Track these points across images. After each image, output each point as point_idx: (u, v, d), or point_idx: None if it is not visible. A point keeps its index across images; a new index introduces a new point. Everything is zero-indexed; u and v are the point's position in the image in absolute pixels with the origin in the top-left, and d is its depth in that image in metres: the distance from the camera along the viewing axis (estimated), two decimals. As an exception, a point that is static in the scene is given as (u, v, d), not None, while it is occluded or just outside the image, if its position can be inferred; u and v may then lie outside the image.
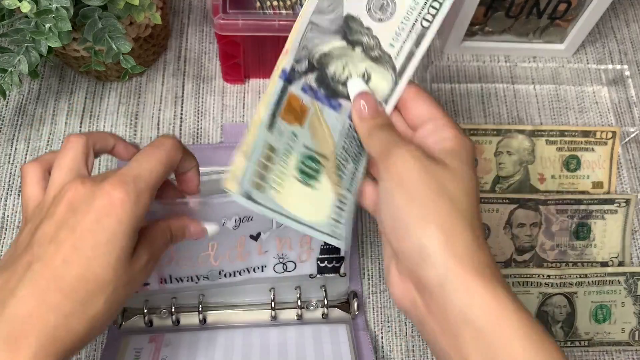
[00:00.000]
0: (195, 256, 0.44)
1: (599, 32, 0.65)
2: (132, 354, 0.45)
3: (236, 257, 0.45)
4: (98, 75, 0.56)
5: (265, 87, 0.59)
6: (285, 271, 0.48)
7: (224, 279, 0.46)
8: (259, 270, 0.47)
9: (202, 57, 0.60)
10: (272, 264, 0.47)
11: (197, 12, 0.62)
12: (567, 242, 0.54)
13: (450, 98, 0.60)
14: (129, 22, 0.50)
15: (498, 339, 0.30)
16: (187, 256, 0.44)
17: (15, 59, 0.45)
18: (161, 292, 0.46)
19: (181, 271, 0.45)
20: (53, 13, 0.42)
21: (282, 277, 0.48)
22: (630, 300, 0.52)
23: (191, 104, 0.58)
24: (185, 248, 0.44)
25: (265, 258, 0.46)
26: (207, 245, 0.44)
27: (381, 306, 0.51)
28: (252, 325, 0.48)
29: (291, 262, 0.47)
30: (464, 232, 0.32)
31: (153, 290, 0.46)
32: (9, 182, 0.53)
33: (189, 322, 0.48)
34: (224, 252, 0.45)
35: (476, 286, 0.30)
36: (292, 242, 0.46)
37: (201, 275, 0.46)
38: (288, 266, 0.47)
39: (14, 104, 0.56)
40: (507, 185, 0.55)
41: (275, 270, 0.47)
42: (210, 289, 0.48)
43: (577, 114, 0.61)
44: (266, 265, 0.47)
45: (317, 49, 0.36)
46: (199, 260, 0.45)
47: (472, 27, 0.59)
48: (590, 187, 0.56)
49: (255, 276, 0.47)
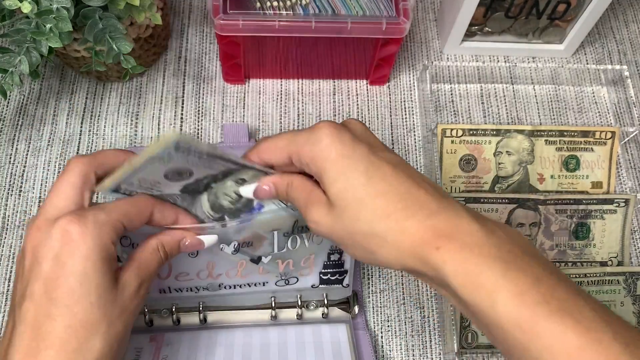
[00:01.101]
0: (193, 272, 0.44)
1: (598, 33, 0.65)
2: (133, 354, 0.45)
3: (235, 275, 0.45)
4: (99, 76, 0.56)
5: (265, 87, 0.59)
6: (287, 285, 0.47)
7: (224, 290, 0.46)
8: (260, 285, 0.47)
9: (203, 57, 0.60)
10: (273, 281, 0.47)
11: (198, 13, 0.62)
12: (566, 241, 0.54)
13: (449, 98, 0.60)
14: (130, 23, 0.51)
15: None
16: (185, 272, 0.44)
17: (16, 59, 0.45)
18: (161, 300, 0.46)
19: (180, 284, 0.45)
20: (54, 13, 0.42)
21: (283, 289, 0.48)
22: (629, 300, 0.52)
23: (191, 104, 0.58)
24: (182, 265, 0.43)
25: (267, 276, 0.46)
26: (204, 264, 0.43)
27: (381, 306, 0.51)
28: (253, 325, 0.48)
29: (293, 278, 0.47)
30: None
31: (152, 298, 0.46)
32: (9, 182, 0.53)
33: (189, 321, 0.48)
34: (223, 271, 0.44)
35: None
36: (294, 263, 0.45)
37: (201, 286, 0.45)
38: (290, 281, 0.47)
39: (14, 104, 0.56)
40: (507, 185, 0.55)
41: (277, 285, 0.47)
42: (210, 298, 0.47)
43: (576, 114, 0.61)
44: (267, 282, 0.47)
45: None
46: (198, 275, 0.44)
47: (472, 28, 0.59)
48: (590, 187, 0.56)
49: (256, 289, 0.47)
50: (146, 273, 0.35)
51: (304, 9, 0.49)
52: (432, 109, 0.59)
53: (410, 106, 0.59)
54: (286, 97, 0.59)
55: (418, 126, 0.58)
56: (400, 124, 0.59)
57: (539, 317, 0.27)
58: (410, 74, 0.61)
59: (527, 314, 0.27)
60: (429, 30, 0.63)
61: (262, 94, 0.59)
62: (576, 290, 0.28)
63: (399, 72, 0.61)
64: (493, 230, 0.30)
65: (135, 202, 0.35)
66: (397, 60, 0.61)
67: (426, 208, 0.31)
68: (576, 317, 0.27)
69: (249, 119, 0.57)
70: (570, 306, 0.27)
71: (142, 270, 0.34)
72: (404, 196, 0.31)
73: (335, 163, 0.32)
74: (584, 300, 0.28)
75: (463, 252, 0.29)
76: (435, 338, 0.51)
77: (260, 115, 0.58)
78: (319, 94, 0.59)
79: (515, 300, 0.27)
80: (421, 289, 0.52)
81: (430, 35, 0.63)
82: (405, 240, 0.30)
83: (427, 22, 0.64)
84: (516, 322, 0.27)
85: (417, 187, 0.32)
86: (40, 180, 0.53)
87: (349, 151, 0.32)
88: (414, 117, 0.59)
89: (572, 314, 0.27)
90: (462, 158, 0.55)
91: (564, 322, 0.27)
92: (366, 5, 0.50)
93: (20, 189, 0.53)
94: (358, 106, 0.59)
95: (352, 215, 0.32)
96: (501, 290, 0.28)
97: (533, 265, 0.29)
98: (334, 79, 0.60)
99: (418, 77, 0.61)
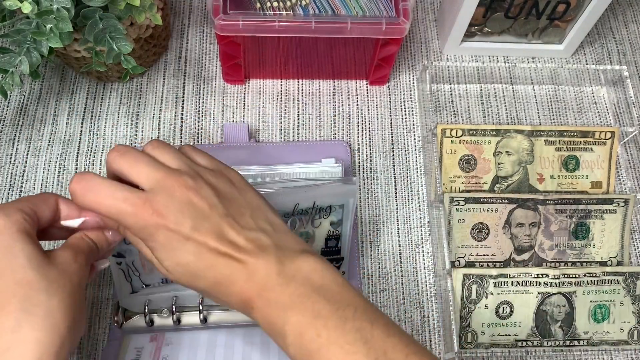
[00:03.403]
0: None
1: (598, 33, 0.65)
2: (133, 353, 0.45)
3: None
4: (99, 76, 0.56)
5: (265, 87, 0.59)
6: None
7: None
8: None
9: (203, 57, 0.60)
10: None
11: (198, 13, 0.62)
12: (566, 241, 0.54)
13: (449, 98, 0.60)
14: (130, 23, 0.51)
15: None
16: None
17: (17, 60, 0.45)
18: (162, 291, 0.47)
19: None
20: (54, 14, 0.42)
21: None
22: (629, 300, 0.52)
23: (192, 105, 0.58)
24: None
25: None
26: None
27: (381, 306, 0.52)
28: (253, 325, 0.48)
29: None
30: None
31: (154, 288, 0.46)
32: (10, 183, 0.53)
33: (189, 321, 0.48)
34: None
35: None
36: None
37: None
38: None
39: (15, 105, 0.56)
40: (506, 185, 0.55)
41: None
42: None
43: (576, 114, 0.61)
44: None
45: None
46: None
47: (471, 28, 0.59)
48: (589, 187, 0.56)
49: None
50: (75, 248, 0.36)
51: (303, 9, 0.49)
52: (432, 109, 0.59)
53: (410, 106, 0.59)
54: (286, 97, 0.59)
55: (418, 126, 0.59)
56: (400, 124, 0.59)
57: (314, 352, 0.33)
58: (410, 74, 0.61)
59: (308, 350, 0.33)
60: (428, 30, 0.64)
61: (262, 94, 0.59)
62: (351, 315, 0.33)
63: (399, 73, 0.61)
64: (291, 278, 0.34)
65: (39, 194, 0.37)
66: (397, 61, 0.61)
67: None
68: (341, 343, 0.33)
69: (249, 119, 0.58)
70: (337, 336, 0.33)
71: (71, 247, 0.36)
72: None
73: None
74: (351, 325, 0.33)
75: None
76: (435, 338, 0.51)
77: (260, 115, 0.58)
78: (319, 94, 0.59)
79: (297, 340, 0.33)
80: (421, 289, 0.52)
81: (430, 35, 0.63)
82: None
83: (427, 22, 0.64)
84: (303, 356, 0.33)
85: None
86: (41, 180, 0.53)
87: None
88: (413, 117, 0.59)
89: (337, 342, 0.32)
90: (462, 158, 0.55)
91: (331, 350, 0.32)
92: (366, 5, 0.50)
93: (21, 189, 0.53)
94: (358, 106, 0.59)
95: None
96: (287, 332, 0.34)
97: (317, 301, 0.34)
98: (334, 79, 0.60)
99: (418, 78, 0.61)
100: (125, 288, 0.46)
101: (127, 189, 0.35)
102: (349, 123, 0.58)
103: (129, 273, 0.45)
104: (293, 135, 0.57)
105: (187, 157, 0.38)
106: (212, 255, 0.34)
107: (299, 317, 0.33)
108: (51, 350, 0.32)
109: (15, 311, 0.31)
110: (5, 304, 0.31)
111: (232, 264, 0.34)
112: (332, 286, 0.34)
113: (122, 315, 0.47)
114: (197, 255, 0.34)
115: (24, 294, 0.32)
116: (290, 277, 0.34)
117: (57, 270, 0.33)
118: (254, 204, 0.37)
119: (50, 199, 0.37)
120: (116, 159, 0.36)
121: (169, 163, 0.37)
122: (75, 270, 0.35)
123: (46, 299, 0.32)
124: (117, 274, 0.45)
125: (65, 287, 0.33)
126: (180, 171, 0.36)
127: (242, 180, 0.39)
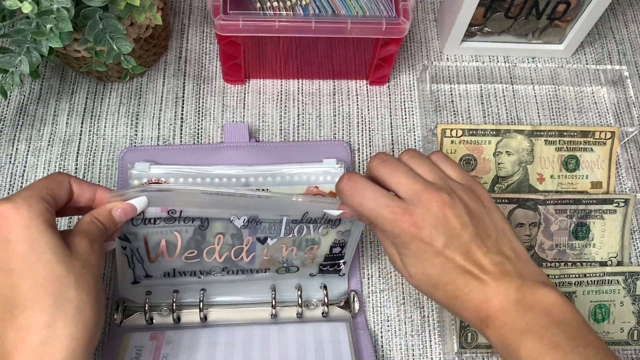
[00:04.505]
0: (201, 250, 0.45)
1: (598, 33, 0.65)
2: (133, 352, 0.45)
3: (241, 254, 0.46)
4: (99, 76, 0.56)
5: (265, 87, 0.59)
6: (288, 272, 0.48)
7: (226, 275, 0.47)
8: (262, 272, 0.48)
9: (203, 57, 0.60)
10: (275, 268, 0.48)
11: (198, 13, 0.62)
12: (566, 241, 0.54)
13: (449, 98, 0.60)
14: (130, 23, 0.51)
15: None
16: (192, 250, 0.45)
17: (17, 60, 0.45)
18: (165, 285, 0.47)
19: (186, 267, 0.46)
20: (54, 14, 0.42)
21: (283, 277, 0.49)
22: (629, 300, 0.52)
23: (192, 105, 0.58)
24: (193, 242, 0.44)
25: (269, 262, 0.47)
26: (213, 238, 0.44)
27: (381, 306, 0.51)
28: (253, 323, 0.48)
29: (294, 267, 0.48)
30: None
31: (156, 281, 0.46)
32: (10, 183, 0.53)
33: (189, 319, 0.48)
34: (229, 247, 0.45)
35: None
36: (298, 251, 0.46)
37: (205, 270, 0.46)
38: (291, 269, 0.48)
39: (15, 105, 0.56)
40: (506, 185, 0.55)
41: (278, 272, 0.48)
42: (212, 284, 0.48)
43: (576, 114, 0.61)
44: (269, 269, 0.48)
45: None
46: (205, 254, 0.45)
47: (472, 28, 0.60)
48: (589, 187, 0.56)
49: (257, 276, 0.48)
50: (90, 236, 0.36)
51: (304, 9, 0.49)
52: (432, 109, 0.59)
53: (410, 106, 0.59)
54: (286, 97, 0.59)
55: (418, 126, 0.59)
56: (400, 124, 0.59)
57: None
58: (410, 74, 0.61)
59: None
60: (428, 30, 0.64)
61: (262, 94, 0.59)
62: (593, 355, 0.33)
63: (399, 72, 0.61)
64: (530, 308, 0.35)
65: (50, 176, 0.37)
66: (397, 61, 0.61)
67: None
68: None
69: (249, 119, 0.58)
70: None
71: (86, 234, 0.36)
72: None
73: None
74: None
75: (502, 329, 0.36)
76: (435, 338, 0.51)
77: (260, 115, 0.58)
78: (319, 94, 0.59)
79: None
80: (421, 289, 0.52)
81: (430, 35, 0.63)
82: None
83: (427, 22, 0.64)
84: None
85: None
86: (41, 180, 0.53)
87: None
88: (413, 117, 0.59)
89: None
90: (462, 158, 0.55)
91: None
92: (366, 5, 0.50)
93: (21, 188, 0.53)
94: (358, 106, 0.59)
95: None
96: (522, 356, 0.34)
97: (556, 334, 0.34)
98: (334, 79, 0.60)
99: (418, 77, 0.61)
100: (127, 276, 0.46)
101: (389, 196, 0.38)
102: (349, 123, 0.58)
103: (133, 259, 0.45)
104: (293, 135, 0.57)
105: (440, 169, 0.40)
106: (457, 272, 0.36)
107: (536, 344, 0.34)
108: (83, 345, 0.32)
109: (49, 307, 0.32)
110: (39, 300, 0.32)
111: (473, 282, 0.36)
112: (573, 323, 0.35)
113: (121, 314, 0.47)
114: (442, 270, 0.36)
115: (54, 289, 0.32)
116: (529, 307, 0.35)
117: (80, 264, 0.34)
118: (500, 227, 0.39)
119: (64, 181, 0.37)
120: (378, 166, 0.39)
121: (426, 175, 0.39)
122: (94, 262, 0.35)
123: (75, 295, 0.33)
124: (120, 260, 0.45)
125: (89, 281, 0.34)
126: (436, 185, 0.38)
127: (490, 200, 0.40)
